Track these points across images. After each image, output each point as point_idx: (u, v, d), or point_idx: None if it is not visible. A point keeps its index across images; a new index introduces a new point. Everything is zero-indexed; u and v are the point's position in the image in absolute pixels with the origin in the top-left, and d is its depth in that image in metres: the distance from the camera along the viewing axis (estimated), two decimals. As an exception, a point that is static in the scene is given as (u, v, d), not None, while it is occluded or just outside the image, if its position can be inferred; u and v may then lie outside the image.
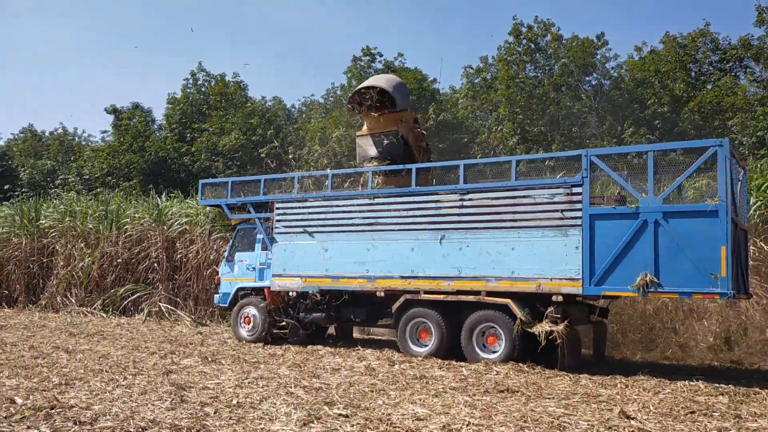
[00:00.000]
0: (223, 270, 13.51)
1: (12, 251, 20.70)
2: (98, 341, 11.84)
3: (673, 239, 8.83)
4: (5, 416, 5.74)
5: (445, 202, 10.60)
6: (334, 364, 9.46)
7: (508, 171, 10.35)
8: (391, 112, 12.49)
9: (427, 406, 6.53)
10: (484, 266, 10.09)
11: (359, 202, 11.44)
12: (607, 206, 9.58)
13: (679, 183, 9.25)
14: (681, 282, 8.78)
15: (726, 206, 8.59)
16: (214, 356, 9.98)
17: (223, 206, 13.42)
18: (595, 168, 9.59)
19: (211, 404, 6.44)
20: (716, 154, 8.78)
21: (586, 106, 23.89)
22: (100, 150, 32.13)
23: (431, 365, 9.42)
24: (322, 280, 11.55)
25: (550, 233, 9.65)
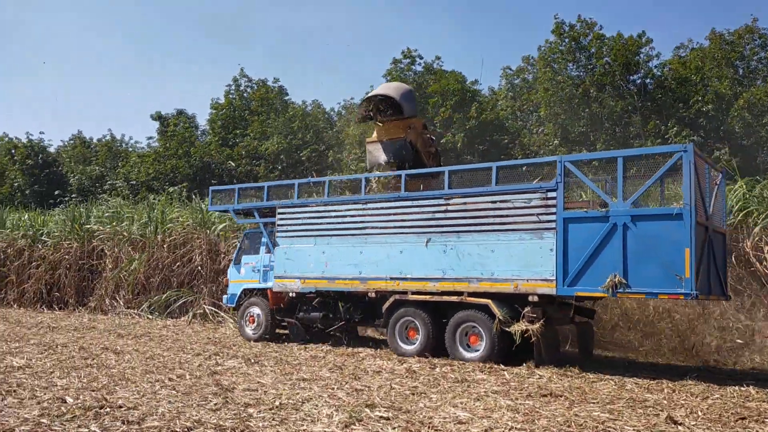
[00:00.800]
0: (231, 272, 14.29)
1: (63, 255, 21.35)
2: (145, 342, 12.11)
3: (641, 242, 9.14)
4: (57, 415, 5.91)
5: (430, 206, 11.10)
6: (375, 366, 9.48)
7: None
8: (399, 119, 12.87)
9: (469, 410, 6.49)
10: (467, 268, 10.55)
11: (353, 207, 12.01)
12: (580, 210, 9.97)
13: (646, 188, 9.55)
14: (648, 283, 9.08)
15: (690, 210, 8.86)
16: (257, 358, 10.11)
17: (231, 211, 14.26)
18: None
19: (255, 405, 6.52)
20: (681, 159, 9.10)
21: (630, 106, 23.43)
22: (146, 156, 32.86)
23: (472, 369, 9.36)
24: (319, 281, 12.16)
25: (526, 236, 10.07)
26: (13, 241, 22.74)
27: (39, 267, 21.59)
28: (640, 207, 9.53)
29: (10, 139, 38.09)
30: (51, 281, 21.42)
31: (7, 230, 23.29)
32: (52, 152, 38.75)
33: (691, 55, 24.10)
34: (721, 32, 23.60)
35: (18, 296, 21.98)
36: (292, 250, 12.65)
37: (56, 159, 38.23)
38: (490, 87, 30.36)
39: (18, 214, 25.36)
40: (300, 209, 12.70)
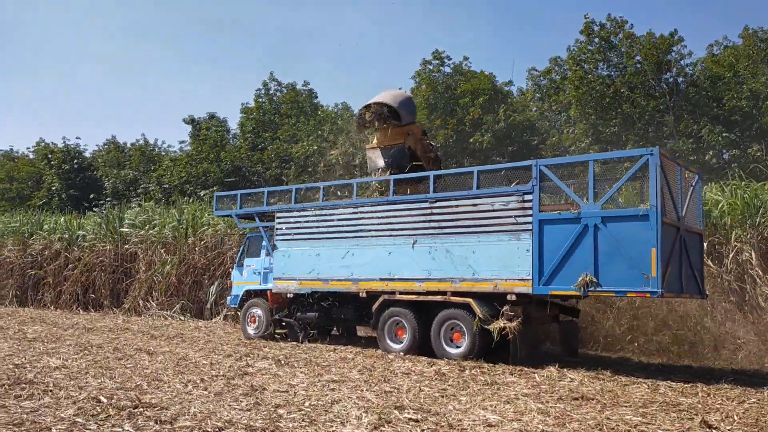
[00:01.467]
0: (235, 274, 14.93)
1: (97, 257, 21.78)
2: (177, 343, 12.28)
3: (611, 242, 9.43)
4: (92, 415, 6.03)
5: (417, 210, 11.50)
6: (404, 368, 9.47)
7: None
8: (398, 125, 13.23)
9: (499, 413, 6.45)
10: (450, 268, 10.93)
11: (345, 212, 12.48)
12: (554, 212, 10.21)
13: (615, 190, 9.94)
14: (617, 281, 9.36)
15: (656, 211, 9.10)
16: (287, 359, 10.18)
17: (233, 216, 14.83)
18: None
19: (285, 406, 6.57)
20: (648, 163, 9.37)
21: (662, 105, 23.06)
22: (178, 159, 33.34)
23: (502, 371, 9.31)
24: (315, 282, 12.66)
25: (505, 237, 10.43)
26: (50, 243, 23.27)
27: (75, 269, 22.06)
28: (610, 209, 9.84)
29: (47, 145, 38.95)
30: (86, 283, 21.87)
31: (44, 233, 23.86)
32: (87, 157, 39.52)
33: (724, 53, 23.64)
34: (755, 30, 23.11)
35: (55, 298, 22.48)
36: (289, 252, 13.15)
37: (91, 163, 38.98)
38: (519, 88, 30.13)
39: (55, 217, 25.93)
40: (296, 213, 13.21)
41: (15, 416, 5.88)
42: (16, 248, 24.22)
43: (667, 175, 9.66)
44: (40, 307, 22.49)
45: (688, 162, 20.68)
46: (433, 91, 28.04)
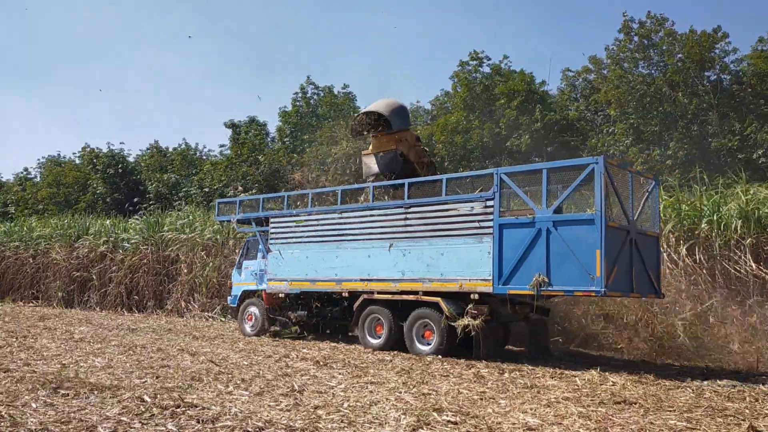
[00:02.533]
0: (234, 276, 15.95)
1: (140, 260, 22.26)
2: (218, 344, 12.47)
3: (561, 244, 10.06)
4: (136, 414, 6.15)
5: (393, 215, 12.29)
6: (442, 370, 9.45)
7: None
8: (390, 133, 13.84)
9: (539, 416, 6.38)
10: (422, 270, 11.71)
11: (330, 217, 13.34)
12: (513, 216, 10.96)
13: (565, 196, 10.46)
14: (567, 281, 10.00)
15: (600, 215, 9.69)
16: (326, 360, 10.24)
17: (232, 221, 15.86)
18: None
19: (324, 407, 6.61)
20: (593, 171, 9.98)
21: (705, 103, 22.51)
22: (218, 163, 33.85)
23: (542, 374, 9.21)
24: (304, 283, 13.58)
25: (469, 240, 11.14)
26: (96, 246, 23.88)
27: (119, 271, 22.59)
28: (561, 213, 10.48)
29: (92, 150, 39.96)
30: (130, 285, 22.38)
31: (90, 236, 24.50)
32: (131, 161, 40.39)
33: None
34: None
35: (100, 299, 23.06)
36: (281, 255, 14.08)
37: (135, 168, 39.81)
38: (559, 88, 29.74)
39: (100, 221, 26.60)
40: (288, 219, 14.13)
41: (62, 414, 6.04)
42: (63, 251, 24.94)
43: (614, 182, 10.32)
44: (86, 308, 23.09)
45: (735, 160, 20.16)
46: (470, 91, 27.92)
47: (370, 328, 12.42)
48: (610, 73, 24.68)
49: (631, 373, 9.22)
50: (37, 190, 41.11)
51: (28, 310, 22.12)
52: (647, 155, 22.93)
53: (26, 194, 41.88)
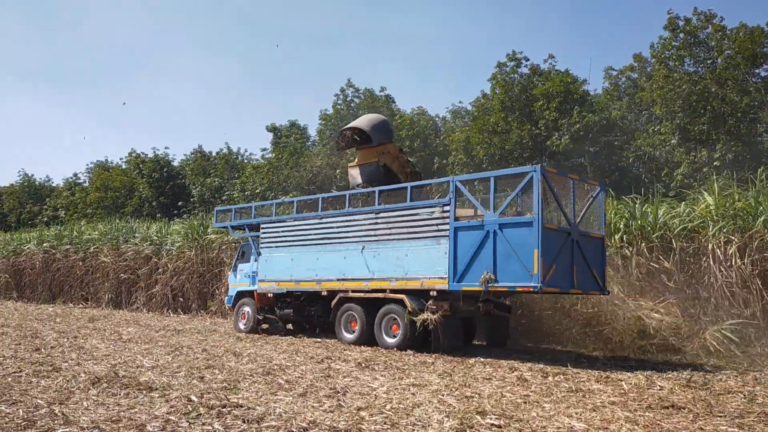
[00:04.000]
0: (230, 277, 17.21)
1: (185, 263, 22.70)
2: (262, 345, 12.62)
3: (506, 245, 11.01)
4: (184, 413, 6.27)
5: (365, 220, 13.29)
6: (484, 373, 9.37)
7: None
8: (372, 146, 14.84)
9: (585, 421, 6.27)
10: (389, 269, 12.66)
11: (312, 222, 14.51)
12: (466, 220, 11.77)
13: (509, 201, 11.44)
14: (510, 278, 10.91)
15: (538, 218, 10.63)
16: (367, 362, 10.26)
17: (229, 227, 17.41)
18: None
19: (366, 409, 6.62)
20: (532, 178, 10.93)
21: (756, 101, 21.83)
22: (260, 167, 34.28)
23: (587, 378, 9.05)
24: (289, 283, 14.72)
25: (429, 242, 12.11)
26: (142, 249, 24.45)
27: (164, 273, 23.07)
28: (506, 216, 11.42)
29: (138, 155, 40.89)
30: (176, 287, 22.83)
31: (136, 239, 25.09)
32: (175, 166, 41.19)
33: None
34: None
35: (146, 301, 23.60)
36: (270, 258, 15.28)
37: (179, 172, 40.60)
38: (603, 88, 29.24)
39: (146, 224, 27.21)
40: (276, 225, 15.40)
41: (113, 413, 6.20)
42: (111, 254, 25.59)
43: (554, 188, 11.24)
44: (133, 309, 23.65)
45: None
46: (508, 93, 27.68)
47: (345, 323, 13.41)
48: (655, 72, 24.15)
49: (679, 376, 8.98)
50: (86, 194, 42.28)
51: (78, 311, 22.77)
52: (694, 156, 22.38)
53: (76, 199, 43.11)
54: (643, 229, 14.54)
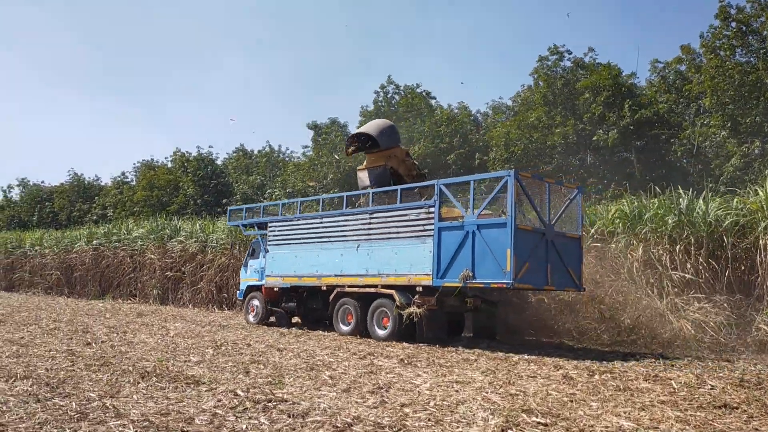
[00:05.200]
0: (242, 272, 18.35)
1: (229, 259, 23.04)
2: (305, 341, 12.73)
3: (483, 244, 11.83)
4: (230, 407, 6.36)
5: (360, 220, 14.23)
6: (529, 371, 9.26)
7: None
8: (380, 150, 15.59)
9: (633, 420, 6.14)
10: (380, 266, 13.57)
11: (313, 222, 15.56)
12: (449, 221, 12.52)
13: (487, 203, 12.15)
14: (487, 275, 11.74)
15: (511, 219, 11.41)
16: (410, 359, 10.25)
17: (240, 226, 18.86)
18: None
19: (410, 405, 6.61)
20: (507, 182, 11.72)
21: (813, 91, 21.02)
22: (301, 164, 34.54)
23: (635, 377, 8.85)
24: (293, 279, 15.79)
25: (416, 241, 12.99)
26: (187, 247, 24.91)
27: (209, 270, 23.46)
28: (484, 218, 12.08)
29: (183, 154, 41.65)
30: (220, 283, 23.20)
31: (182, 236, 25.59)
32: (219, 164, 41.81)
33: None
34: None
35: (192, 296, 24.05)
36: (276, 255, 16.33)
37: (222, 170, 41.21)
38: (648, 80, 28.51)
39: (191, 222, 27.72)
40: (281, 224, 16.48)
41: (162, 406, 6.33)
42: (157, 251, 26.15)
43: (528, 191, 12.08)
44: (179, 305, 24.13)
45: None
46: (551, 87, 27.26)
47: (342, 316, 14.35)
48: (706, 62, 23.45)
49: (731, 376, 8.72)
50: (133, 193, 43.25)
51: (126, 306, 23.35)
52: (746, 148, 21.68)
53: (123, 197, 44.14)
54: (692, 225, 14.16)
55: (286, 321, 16.60)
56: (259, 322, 16.78)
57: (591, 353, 11.76)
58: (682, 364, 10.46)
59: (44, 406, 6.17)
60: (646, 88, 27.93)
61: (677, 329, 13.02)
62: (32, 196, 53.69)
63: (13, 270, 34.96)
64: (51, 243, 33.28)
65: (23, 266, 34.22)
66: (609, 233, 15.30)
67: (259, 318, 16.85)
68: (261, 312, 16.85)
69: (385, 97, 34.93)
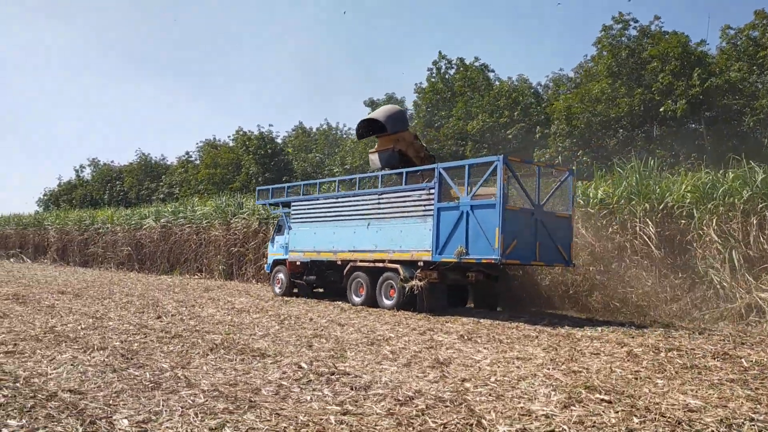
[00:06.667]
0: (269, 248, 19.77)
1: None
2: (365, 317, 12.89)
3: (476, 223, 12.83)
4: (295, 379, 6.55)
5: (371, 200, 15.39)
6: (592, 348, 9.13)
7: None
8: (389, 134, 16.53)
9: (701, 398, 6.00)
10: (388, 243, 14.73)
11: (330, 201, 16.88)
12: (447, 202, 13.51)
13: (478, 186, 13.05)
14: (478, 251, 12.76)
15: (499, 201, 12.39)
16: (470, 335, 10.26)
17: (267, 205, 20.77)
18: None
19: (470, 380, 6.65)
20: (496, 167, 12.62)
21: None
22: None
23: (702, 355, 8.62)
24: (312, 254, 17.08)
25: (419, 220, 14.08)
26: (250, 223, 25.50)
27: (271, 246, 23.94)
28: (477, 199, 12.97)
29: (245, 133, 42.42)
30: (282, 259, 23.66)
31: (245, 214, 26.19)
32: (279, 142, 42.41)
33: None
34: None
35: (255, 272, 24.65)
36: (298, 232, 17.69)
37: (283, 148, 41.80)
38: (719, 47, 27.21)
39: (254, 199, 28.29)
40: (302, 203, 17.82)
41: (230, 377, 6.57)
42: (222, 228, 26.86)
43: (517, 175, 13.11)
44: (244, 280, 24.79)
45: None
46: (615, 57, 26.39)
47: (355, 288, 15.57)
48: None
49: None
50: (197, 171, 44.42)
51: (193, 282, 24.15)
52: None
53: (188, 176, 45.41)
54: (766, 198, 13.57)
55: (307, 292, 17.92)
56: (284, 293, 18.03)
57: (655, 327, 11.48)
58: (753, 342, 10.12)
59: (120, 376, 6.49)
60: (717, 56, 26.67)
61: (749, 305, 12.57)
62: (103, 176, 55.92)
63: (87, 246, 36.63)
64: (121, 220, 34.66)
65: (96, 243, 35.80)
66: (679, 208, 14.83)
67: (284, 289, 18.10)
68: (285, 284, 18.10)
69: (438, 72, 34.56)
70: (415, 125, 33.00)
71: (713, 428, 5.08)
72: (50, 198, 60.95)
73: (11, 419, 4.83)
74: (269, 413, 5.23)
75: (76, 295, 16.31)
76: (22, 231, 43.73)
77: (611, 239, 15.46)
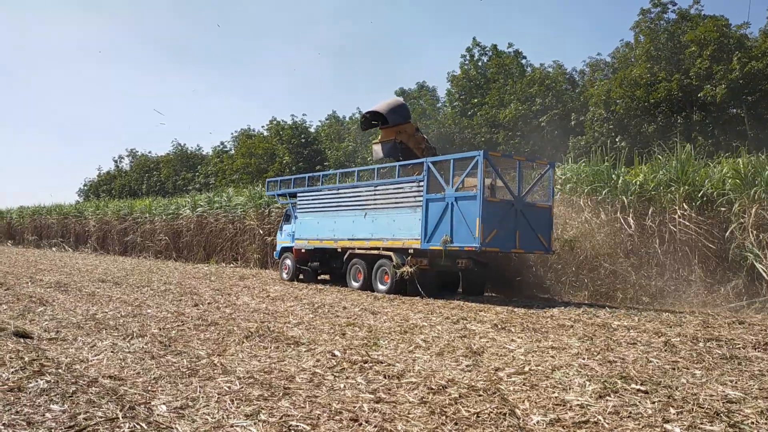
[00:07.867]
0: (278, 235, 21.02)
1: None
2: (398, 305, 12.91)
3: (459, 214, 13.70)
4: (328, 367, 6.61)
5: (368, 192, 16.39)
6: (628, 338, 9.00)
7: None
8: (391, 126, 17.37)
9: (741, 389, 5.88)
10: (382, 232, 15.78)
11: (332, 192, 18.01)
12: (434, 193, 14.39)
13: (462, 179, 13.89)
14: (461, 240, 13.69)
15: (479, 193, 13.29)
16: (503, 324, 10.20)
17: (275, 195, 21.63)
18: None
19: (504, 369, 6.62)
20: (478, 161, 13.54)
21: None
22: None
23: (743, 345, 8.43)
24: (316, 242, 18.28)
25: (409, 211, 15.09)
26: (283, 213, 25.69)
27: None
28: (460, 191, 13.89)
29: (278, 122, 42.70)
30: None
31: (279, 204, 26.42)
32: (312, 132, 42.59)
33: None
34: None
35: (290, 261, 24.84)
36: (303, 221, 18.89)
37: (316, 138, 41.98)
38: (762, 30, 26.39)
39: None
40: (307, 194, 19.01)
41: (265, 365, 6.67)
42: (257, 217, 27.15)
43: (497, 168, 14.08)
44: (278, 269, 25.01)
45: None
46: (654, 41, 25.80)
47: (353, 274, 16.67)
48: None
49: None
50: (232, 161, 44.91)
51: (229, 270, 24.48)
52: None
53: (224, 165, 45.95)
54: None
55: (312, 278, 19.01)
56: (291, 278, 19.19)
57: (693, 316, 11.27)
58: (796, 333, 9.85)
59: (158, 362, 6.64)
60: (759, 39, 25.88)
61: None
62: (140, 166, 56.97)
63: (126, 235, 37.41)
64: (159, 210, 35.29)
65: (135, 232, 36.54)
66: (718, 195, 14.50)
67: (291, 275, 19.25)
68: (292, 270, 19.23)
69: (471, 59, 34.22)
70: (447, 114, 32.82)
71: (753, 420, 4.98)
72: (90, 188, 62.41)
73: (54, 404, 4.99)
74: (303, 400, 5.29)
75: (116, 283, 16.69)
76: (63, 221, 44.88)
77: (647, 227, 15.22)
